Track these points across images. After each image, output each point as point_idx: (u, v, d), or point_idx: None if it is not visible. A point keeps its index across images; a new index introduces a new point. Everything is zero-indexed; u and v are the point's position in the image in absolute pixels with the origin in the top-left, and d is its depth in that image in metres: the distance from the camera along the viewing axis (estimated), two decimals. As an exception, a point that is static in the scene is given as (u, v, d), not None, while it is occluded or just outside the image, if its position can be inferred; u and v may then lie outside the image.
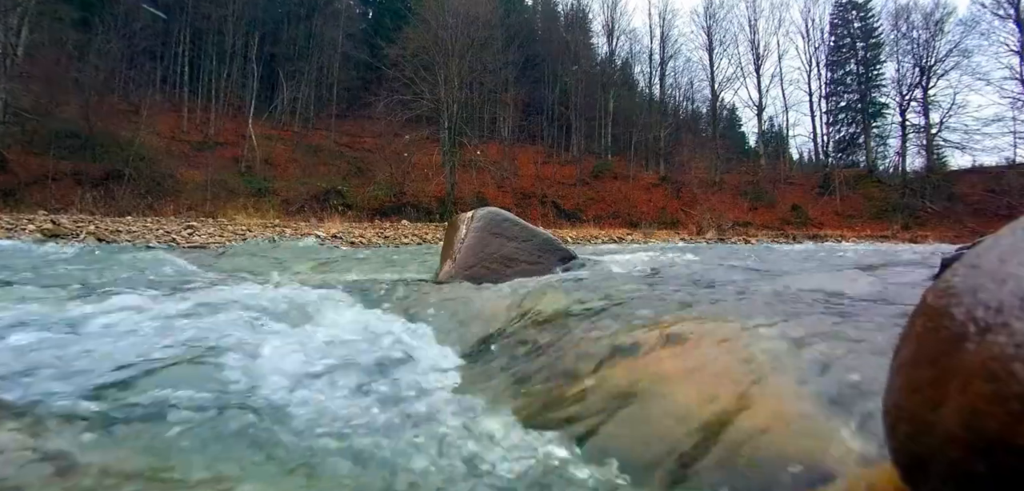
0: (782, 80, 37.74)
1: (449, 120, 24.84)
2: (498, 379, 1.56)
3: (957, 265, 0.56)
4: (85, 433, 1.01)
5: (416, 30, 25.82)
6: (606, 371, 1.31)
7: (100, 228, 10.03)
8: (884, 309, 1.55)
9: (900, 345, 0.58)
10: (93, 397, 1.20)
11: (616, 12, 35.45)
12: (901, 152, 30.10)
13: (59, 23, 20.62)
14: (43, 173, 17.79)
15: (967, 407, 0.45)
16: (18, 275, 3.71)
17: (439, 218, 21.01)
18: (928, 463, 0.49)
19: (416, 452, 1.04)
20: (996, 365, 0.44)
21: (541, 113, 34.28)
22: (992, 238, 0.59)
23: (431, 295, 2.61)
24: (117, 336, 1.69)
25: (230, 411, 1.15)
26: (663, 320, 1.52)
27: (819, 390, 0.99)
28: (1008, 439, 0.42)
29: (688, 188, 28.14)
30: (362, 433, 1.11)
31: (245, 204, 20.00)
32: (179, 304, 2.14)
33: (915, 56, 29.07)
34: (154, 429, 1.06)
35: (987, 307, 0.48)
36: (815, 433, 0.89)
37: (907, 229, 24.04)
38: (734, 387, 1.07)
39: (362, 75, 32.17)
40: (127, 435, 1.04)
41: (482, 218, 3.46)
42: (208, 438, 1.04)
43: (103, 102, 20.91)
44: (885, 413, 0.57)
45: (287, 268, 5.43)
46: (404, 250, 9.70)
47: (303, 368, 1.45)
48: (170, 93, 28.07)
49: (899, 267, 2.80)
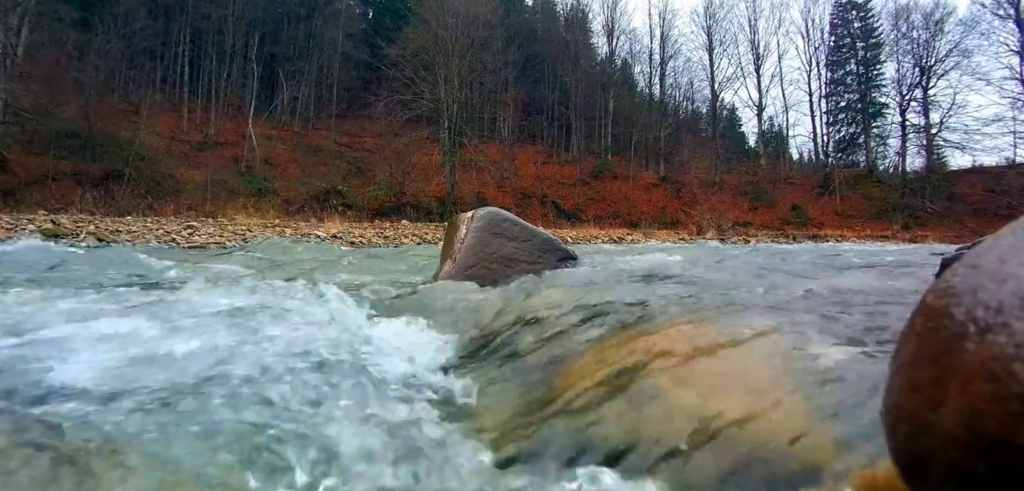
0: (782, 80, 37.85)
1: (449, 120, 24.85)
2: (497, 379, 1.55)
3: (957, 265, 0.56)
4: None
5: (416, 30, 25.83)
6: (605, 371, 1.31)
7: (100, 228, 10.03)
8: (884, 309, 1.55)
9: (900, 345, 0.58)
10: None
11: (616, 12, 35.52)
12: (901, 152, 30.12)
13: (59, 23, 20.62)
14: (43, 173, 17.80)
15: (967, 407, 0.45)
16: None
17: (439, 218, 21.02)
18: (928, 463, 0.49)
19: (413, 451, 1.04)
20: (996, 365, 0.44)
21: (541, 113, 34.29)
22: (992, 238, 0.59)
23: (430, 295, 2.61)
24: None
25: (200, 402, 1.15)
26: (662, 321, 1.52)
27: (819, 390, 0.99)
28: (1008, 439, 0.42)
29: (688, 188, 28.15)
30: (356, 433, 1.11)
31: (245, 204, 20.00)
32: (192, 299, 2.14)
33: (915, 56, 29.09)
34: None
35: (987, 307, 0.48)
36: (815, 433, 0.89)
37: (907, 229, 24.04)
38: (734, 387, 1.07)
39: (362, 75, 32.18)
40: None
41: (482, 218, 3.46)
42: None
43: (103, 102, 20.91)
44: (885, 413, 0.57)
45: (285, 268, 5.43)
46: (404, 250, 9.70)
47: (289, 367, 1.43)
48: (170, 93, 28.07)
49: (899, 267, 2.80)
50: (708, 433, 0.97)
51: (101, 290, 2.84)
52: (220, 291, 2.58)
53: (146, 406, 1.13)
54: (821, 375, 1.04)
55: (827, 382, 1.01)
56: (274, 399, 1.19)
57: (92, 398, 1.17)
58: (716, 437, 0.95)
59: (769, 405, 0.98)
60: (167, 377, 1.31)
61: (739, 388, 1.06)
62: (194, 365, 1.41)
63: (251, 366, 1.38)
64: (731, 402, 1.02)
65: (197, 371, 1.36)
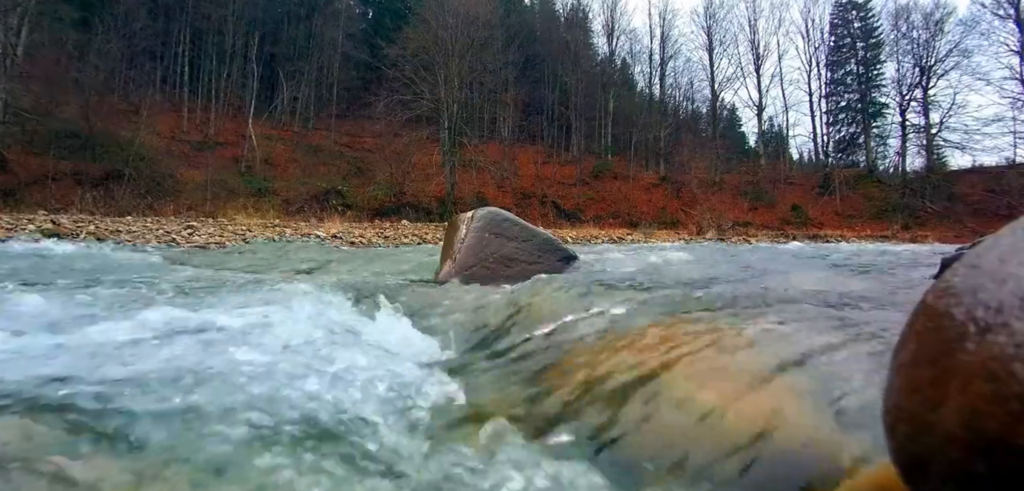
0: (782, 80, 37.71)
1: (449, 120, 24.84)
2: (496, 378, 1.55)
3: (957, 265, 0.56)
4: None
5: (416, 30, 25.82)
6: (604, 371, 1.30)
7: (100, 228, 10.03)
8: (884, 308, 1.55)
9: (900, 345, 0.58)
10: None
11: (616, 12, 35.49)
12: (901, 152, 30.12)
13: (59, 23, 20.61)
14: (43, 173, 17.79)
15: (967, 407, 0.45)
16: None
17: (439, 218, 21.01)
18: (928, 463, 0.49)
19: (409, 451, 1.04)
20: (996, 365, 0.44)
21: (541, 113, 34.27)
22: (992, 238, 0.59)
23: (430, 295, 2.61)
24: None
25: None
26: (662, 321, 1.52)
27: (819, 390, 0.99)
28: (1008, 439, 0.42)
29: (688, 188, 28.14)
30: (352, 432, 1.11)
31: (245, 204, 19.99)
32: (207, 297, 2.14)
33: (915, 56, 29.09)
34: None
35: (987, 307, 0.48)
36: (815, 433, 0.89)
37: (907, 229, 24.04)
38: (734, 388, 1.07)
39: (362, 75, 32.15)
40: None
41: (482, 218, 3.47)
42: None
43: (103, 102, 20.89)
44: (885, 413, 0.57)
45: (283, 267, 5.43)
46: (404, 250, 9.70)
47: (287, 368, 1.43)
48: (170, 93, 28.05)
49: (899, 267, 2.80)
50: (708, 432, 0.97)
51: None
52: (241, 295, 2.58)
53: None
54: (822, 375, 1.04)
55: (827, 380, 1.01)
56: (271, 396, 1.19)
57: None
58: (716, 435, 0.95)
59: (770, 404, 0.98)
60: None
61: (740, 387, 1.06)
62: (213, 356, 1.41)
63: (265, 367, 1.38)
64: (731, 401, 1.02)
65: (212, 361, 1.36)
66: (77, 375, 1.27)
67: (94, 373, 1.30)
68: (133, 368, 1.36)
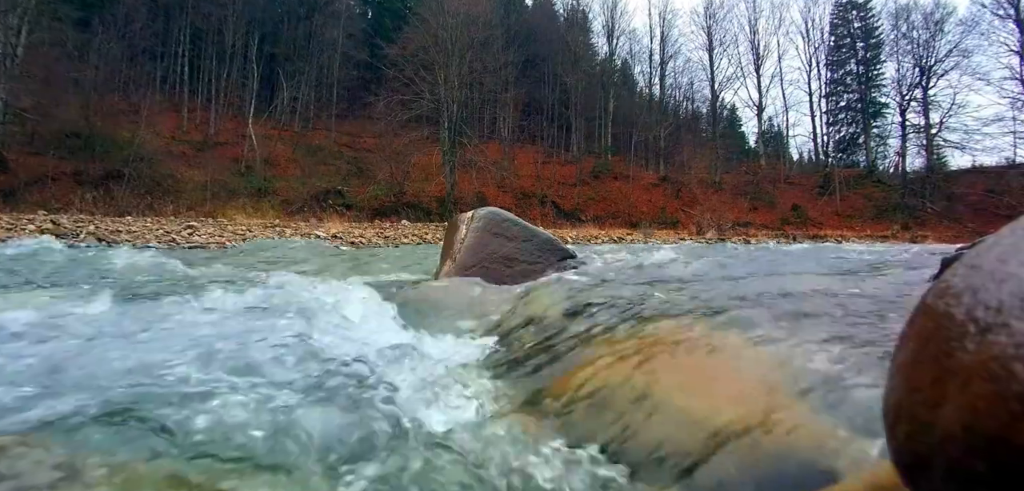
0: (782, 80, 37.75)
1: (449, 120, 24.84)
2: (495, 378, 1.55)
3: (957, 265, 0.56)
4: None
5: (416, 30, 25.83)
6: (603, 371, 1.31)
7: (100, 229, 10.03)
8: (884, 308, 1.55)
9: (900, 345, 0.58)
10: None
11: (616, 12, 35.50)
12: (901, 152, 30.17)
13: (59, 23, 20.61)
14: (43, 173, 17.80)
15: (967, 407, 0.45)
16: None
17: (439, 218, 21.02)
18: (928, 463, 0.49)
19: (407, 451, 1.04)
20: (996, 365, 0.44)
21: (541, 113, 34.27)
22: (992, 238, 0.59)
23: (430, 295, 2.61)
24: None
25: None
26: (662, 321, 1.52)
27: (819, 390, 0.99)
28: (1008, 439, 0.42)
29: (688, 188, 28.15)
30: (352, 431, 1.11)
31: (245, 204, 20.01)
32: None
33: (915, 56, 29.12)
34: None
35: (987, 307, 0.48)
36: (815, 433, 0.89)
37: (907, 229, 24.06)
38: (734, 388, 1.07)
39: (362, 75, 32.15)
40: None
41: (482, 218, 3.46)
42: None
43: (103, 102, 20.91)
44: (885, 413, 0.57)
45: (281, 267, 5.43)
46: (404, 250, 9.70)
47: (282, 370, 1.43)
48: (170, 93, 28.06)
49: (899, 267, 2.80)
50: (708, 431, 0.97)
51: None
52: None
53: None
54: (822, 375, 1.04)
55: (828, 381, 1.01)
56: (268, 393, 1.19)
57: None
58: (715, 434, 0.95)
59: (770, 404, 0.98)
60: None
61: (740, 387, 1.06)
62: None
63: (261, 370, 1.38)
64: (731, 401, 1.02)
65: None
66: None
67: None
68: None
